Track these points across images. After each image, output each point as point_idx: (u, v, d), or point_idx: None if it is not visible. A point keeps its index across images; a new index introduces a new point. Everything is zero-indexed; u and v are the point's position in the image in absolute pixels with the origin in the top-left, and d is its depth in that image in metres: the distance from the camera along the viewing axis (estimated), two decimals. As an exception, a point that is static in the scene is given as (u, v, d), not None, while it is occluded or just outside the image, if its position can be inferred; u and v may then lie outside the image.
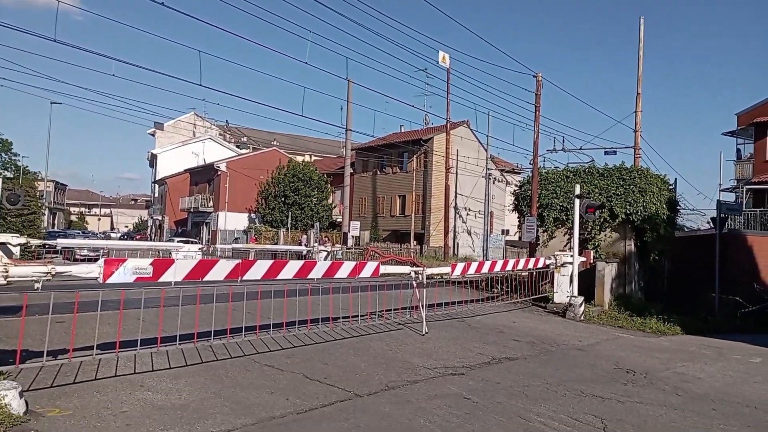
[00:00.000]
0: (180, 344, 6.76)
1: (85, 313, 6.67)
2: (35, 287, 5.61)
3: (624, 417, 5.95)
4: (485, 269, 12.06)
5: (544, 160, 27.80)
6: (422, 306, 9.94)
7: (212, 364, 6.86)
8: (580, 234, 14.33)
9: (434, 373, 7.37)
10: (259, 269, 7.67)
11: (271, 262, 7.92)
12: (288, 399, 5.90)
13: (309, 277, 8.44)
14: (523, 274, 13.77)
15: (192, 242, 29.42)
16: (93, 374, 5.98)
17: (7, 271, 5.28)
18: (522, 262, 13.49)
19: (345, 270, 8.92)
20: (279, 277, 7.92)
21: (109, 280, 5.95)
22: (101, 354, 6.03)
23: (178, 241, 29.80)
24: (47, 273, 5.58)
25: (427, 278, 10.25)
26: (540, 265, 14.13)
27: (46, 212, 52.18)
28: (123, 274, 6.09)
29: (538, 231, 17.37)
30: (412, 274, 10.14)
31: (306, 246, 27.91)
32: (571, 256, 14.10)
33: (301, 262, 8.41)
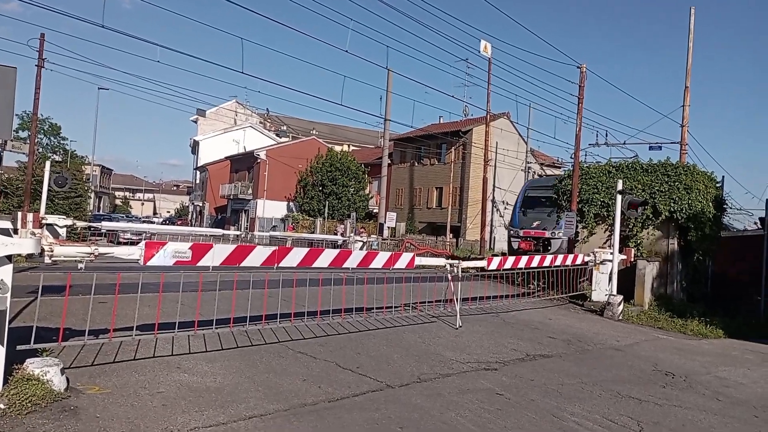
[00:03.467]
0: (216, 328, 6.88)
1: (126, 294, 6.85)
2: (79, 267, 5.76)
3: (661, 420, 5.81)
4: (522, 264, 11.91)
5: (585, 155, 27.30)
6: (456, 299, 9.88)
7: (247, 349, 6.96)
8: (621, 231, 14.02)
9: (467, 368, 7.32)
10: (295, 257, 7.72)
11: (306, 250, 7.96)
12: (320, 387, 5.94)
13: (344, 266, 8.47)
14: (560, 270, 13.55)
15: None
16: (132, 354, 6.13)
17: (52, 251, 5.43)
18: (560, 258, 13.27)
19: (380, 260, 8.92)
20: (314, 265, 7.96)
21: (150, 263, 6.07)
22: (140, 335, 6.17)
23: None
24: (90, 253, 5.72)
25: (462, 271, 10.18)
26: (578, 261, 13.87)
27: (92, 196, 53.70)
28: (163, 257, 6.20)
29: (577, 227, 17.07)
30: (447, 266, 10.07)
31: (342, 236, 28.06)
32: (611, 253, 13.81)
33: (336, 251, 8.44)
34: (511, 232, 22.30)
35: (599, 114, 79.77)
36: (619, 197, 13.75)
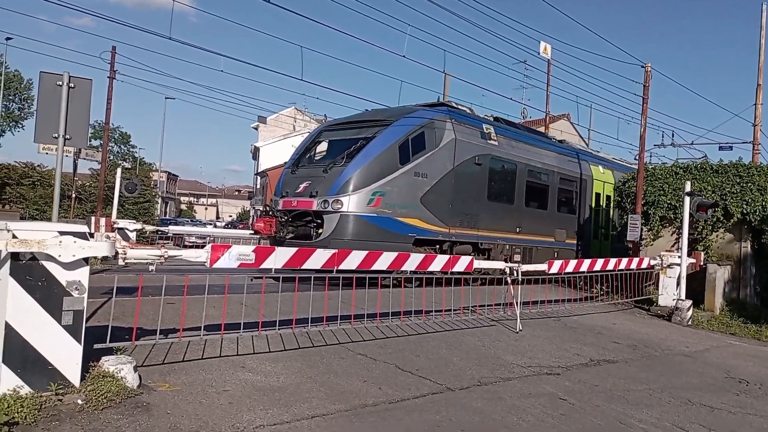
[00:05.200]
0: (279, 329, 7.03)
1: (193, 296, 7.08)
2: (150, 269, 6.01)
3: (736, 429, 5.57)
4: (584, 267, 11.62)
5: (650, 156, 26.39)
6: (516, 303, 9.75)
7: (308, 350, 7.08)
8: (689, 234, 13.49)
9: (528, 372, 7.21)
10: (354, 259, 7.80)
11: (365, 253, 8.04)
12: (380, 388, 5.98)
13: (402, 269, 8.50)
14: (624, 273, 13.14)
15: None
16: (200, 353, 6.34)
17: (125, 253, 5.69)
18: (624, 261, 12.88)
19: (438, 263, 8.90)
20: (373, 267, 8.04)
21: (216, 265, 6.27)
22: (207, 335, 6.38)
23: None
24: (160, 256, 5.95)
25: (522, 275, 10.04)
26: (644, 265, 13.43)
27: (159, 201, 55.83)
28: (228, 260, 6.39)
29: (642, 230, 16.53)
30: (507, 270, 9.95)
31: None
32: (679, 257, 13.30)
33: (394, 254, 8.47)
34: (270, 206, 15.00)
35: (665, 114, 76.96)
36: (687, 199, 13.24)
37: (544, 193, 18.32)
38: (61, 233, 4.79)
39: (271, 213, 14.06)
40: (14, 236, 4.55)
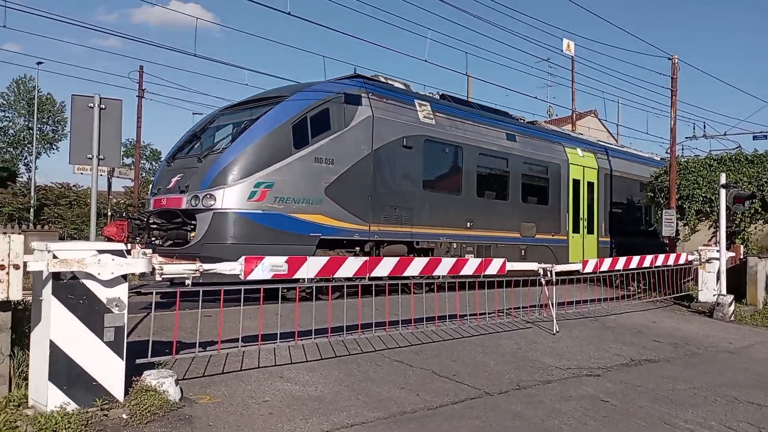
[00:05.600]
0: (315, 338, 7.06)
1: (229, 307, 7.16)
2: (186, 283, 6.10)
3: (787, 428, 5.39)
4: (620, 265, 11.43)
5: (682, 149, 25.87)
6: (552, 304, 9.62)
7: (345, 358, 7.10)
8: (727, 227, 13.17)
9: (567, 374, 7.11)
10: (386, 266, 7.81)
11: (396, 259, 8.03)
12: (418, 395, 5.96)
13: (434, 274, 8.47)
14: (661, 270, 12.87)
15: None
16: (238, 365, 6.40)
17: (162, 269, 5.78)
18: (661, 258, 12.62)
19: (470, 267, 8.84)
20: (405, 274, 8.02)
21: (250, 277, 6.33)
22: (245, 346, 6.44)
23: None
24: (196, 270, 6.04)
25: (556, 275, 9.92)
26: (681, 261, 13.14)
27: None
28: (261, 271, 6.46)
29: (678, 225, 16.19)
30: (540, 271, 9.84)
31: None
32: (718, 251, 12.98)
33: (426, 260, 8.46)
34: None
35: (695, 105, 75.53)
36: (723, 191, 12.94)
37: (503, 181, 15.69)
38: (99, 251, 4.90)
39: (126, 216, 12.06)
40: (54, 256, 4.66)
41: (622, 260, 11.48)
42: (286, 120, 11.02)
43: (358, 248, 11.95)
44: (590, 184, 18.40)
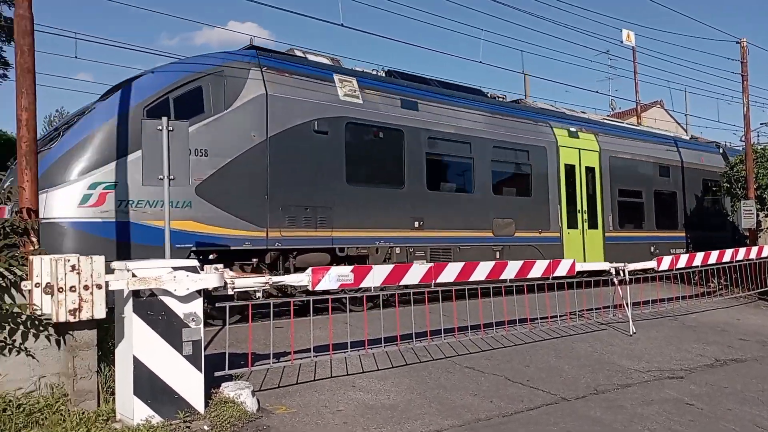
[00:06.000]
0: (385, 347, 7.07)
1: (299, 318, 7.27)
2: (256, 296, 6.24)
3: None
4: (697, 261, 10.93)
5: (758, 135, 24.53)
6: (627, 304, 9.29)
7: (415, 366, 7.07)
8: (814, 216, 12.36)
9: (648, 377, 6.83)
10: (451, 272, 7.75)
11: (462, 264, 7.95)
12: (492, 401, 5.86)
13: (501, 277, 8.34)
14: (743, 265, 12.21)
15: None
16: (311, 375, 6.48)
17: (233, 283, 5.93)
18: (742, 251, 11.98)
19: (538, 269, 8.65)
20: (471, 278, 7.94)
21: (317, 287, 6.41)
22: (317, 356, 6.52)
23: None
24: (266, 283, 6.18)
25: (629, 274, 9.58)
26: (764, 254, 12.43)
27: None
28: (328, 282, 6.53)
29: (758, 216, 15.34)
30: (612, 270, 9.52)
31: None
32: (805, 241, 12.21)
33: (492, 263, 8.33)
34: None
35: (768, 89, 71.24)
36: (807, 177, 12.18)
37: (466, 170, 12.82)
38: (175, 269, 5.08)
39: None
40: (133, 275, 4.87)
41: (699, 256, 10.98)
42: (138, 103, 8.76)
43: (256, 259, 9.58)
44: (590, 170, 15.25)
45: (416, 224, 11.39)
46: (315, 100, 10.31)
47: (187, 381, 5.03)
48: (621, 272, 9.51)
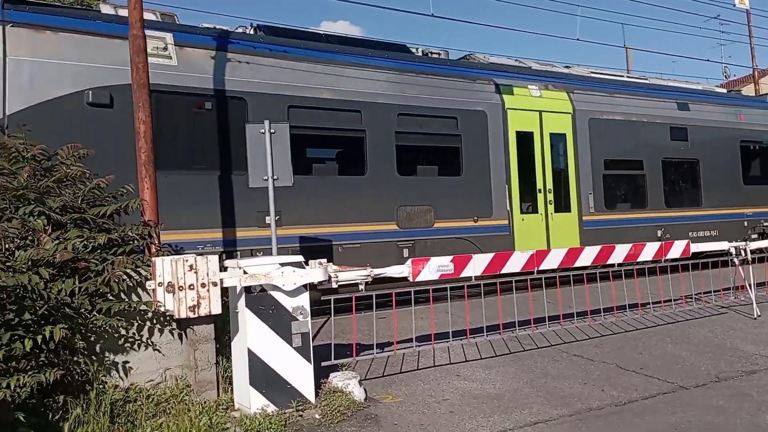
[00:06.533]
0: (487, 335, 7.02)
1: (400, 308, 7.37)
2: (359, 288, 6.41)
3: None
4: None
5: None
6: (750, 285, 8.65)
7: (520, 354, 6.98)
8: None
9: (776, 363, 6.34)
10: (554, 258, 7.56)
11: (565, 250, 7.74)
12: (603, 390, 5.68)
13: (608, 262, 8.03)
14: None
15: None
16: (415, 364, 6.57)
17: (337, 276, 6.12)
18: None
19: (648, 252, 8.25)
20: (576, 264, 7.70)
21: (418, 278, 6.48)
22: (420, 346, 6.60)
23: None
24: (367, 275, 6.32)
25: (752, 253, 8.90)
26: None
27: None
28: (428, 272, 6.57)
29: None
30: (732, 250, 8.89)
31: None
32: None
33: (597, 248, 8.03)
34: None
35: None
36: None
37: (352, 147, 10.14)
38: (282, 264, 5.33)
39: None
40: (245, 272, 5.16)
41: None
42: None
43: None
44: (558, 137, 12.06)
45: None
46: (97, 64, 7.98)
47: (298, 371, 5.26)
48: (742, 251, 8.87)
